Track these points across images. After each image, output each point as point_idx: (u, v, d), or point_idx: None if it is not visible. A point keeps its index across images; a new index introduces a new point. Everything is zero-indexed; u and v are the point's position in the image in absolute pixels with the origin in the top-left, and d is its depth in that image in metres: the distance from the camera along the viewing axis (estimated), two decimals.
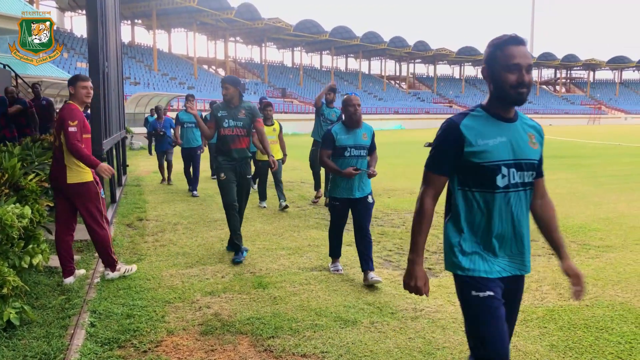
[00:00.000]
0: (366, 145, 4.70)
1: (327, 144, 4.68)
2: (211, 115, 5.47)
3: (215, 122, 5.38)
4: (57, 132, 4.35)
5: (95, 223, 4.43)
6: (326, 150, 4.68)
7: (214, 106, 5.45)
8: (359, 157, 4.65)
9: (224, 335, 3.47)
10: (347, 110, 4.65)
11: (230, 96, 5.29)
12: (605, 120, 78.84)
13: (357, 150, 4.64)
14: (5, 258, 3.39)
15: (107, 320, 3.65)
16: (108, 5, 7.60)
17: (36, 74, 23.96)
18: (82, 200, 4.38)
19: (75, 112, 4.32)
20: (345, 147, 4.62)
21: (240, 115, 5.34)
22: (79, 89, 4.41)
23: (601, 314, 3.84)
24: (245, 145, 5.40)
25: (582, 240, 6.03)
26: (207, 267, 5.01)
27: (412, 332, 3.54)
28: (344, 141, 4.62)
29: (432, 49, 74.09)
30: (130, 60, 48.17)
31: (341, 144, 4.62)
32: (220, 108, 5.38)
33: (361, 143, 4.67)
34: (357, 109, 4.64)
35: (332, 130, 4.67)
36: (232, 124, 5.30)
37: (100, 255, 4.60)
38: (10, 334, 3.28)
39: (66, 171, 4.29)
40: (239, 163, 5.38)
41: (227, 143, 5.33)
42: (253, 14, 54.68)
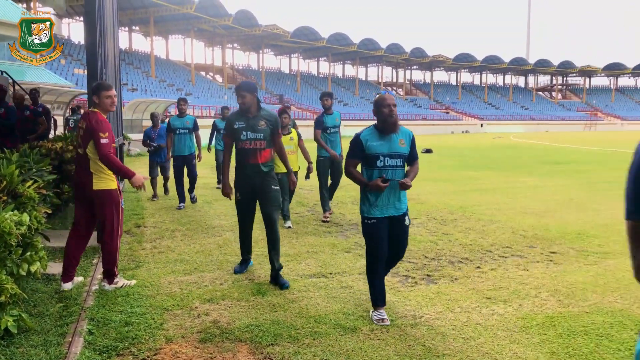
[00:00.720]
0: (404, 153, 3.92)
1: (354, 151, 3.92)
2: (226, 127, 4.88)
3: (231, 135, 4.80)
4: (83, 141, 4.36)
5: (110, 233, 4.45)
6: (353, 159, 3.95)
7: (228, 117, 4.91)
8: (395, 168, 3.87)
9: (223, 343, 3.45)
10: (380, 112, 3.88)
11: (248, 105, 4.70)
12: (601, 126, 79.15)
13: (392, 159, 3.87)
14: (3, 265, 3.37)
15: (105, 327, 3.63)
16: (106, 12, 7.61)
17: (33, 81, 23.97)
18: (105, 207, 4.41)
19: (105, 123, 4.36)
20: (378, 155, 3.86)
21: (260, 126, 4.73)
22: (103, 99, 4.43)
23: (601, 320, 3.84)
24: (266, 160, 4.78)
25: (580, 247, 6.03)
26: (205, 274, 4.99)
27: (412, 339, 3.53)
28: (376, 148, 3.86)
29: (428, 56, 74.39)
30: (128, 67, 48.22)
31: (372, 152, 3.86)
32: (235, 119, 4.77)
33: (398, 151, 3.89)
34: (392, 109, 3.86)
35: (361, 136, 3.90)
36: (251, 136, 4.70)
37: (104, 264, 4.58)
38: (7, 342, 3.25)
39: (92, 178, 4.34)
40: (259, 177, 4.77)
41: (245, 157, 4.75)
42: (250, 21, 54.83)
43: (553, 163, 17.96)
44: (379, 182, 3.79)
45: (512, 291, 4.49)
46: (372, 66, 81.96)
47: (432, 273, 5.05)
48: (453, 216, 8.03)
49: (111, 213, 4.43)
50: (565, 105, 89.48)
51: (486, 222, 7.55)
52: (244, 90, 4.70)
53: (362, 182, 3.89)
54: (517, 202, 9.25)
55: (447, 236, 6.66)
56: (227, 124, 4.84)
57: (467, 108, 78.51)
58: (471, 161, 19.49)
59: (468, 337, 3.55)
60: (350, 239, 6.48)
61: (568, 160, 19.03)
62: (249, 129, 4.71)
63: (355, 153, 3.94)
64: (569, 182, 12.17)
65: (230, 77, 63.31)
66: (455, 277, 4.91)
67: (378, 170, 3.87)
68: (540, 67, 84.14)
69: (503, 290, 4.51)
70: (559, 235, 6.61)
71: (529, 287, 4.62)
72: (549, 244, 6.21)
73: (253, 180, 4.78)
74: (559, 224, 7.30)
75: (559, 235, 6.65)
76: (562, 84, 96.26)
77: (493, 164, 17.93)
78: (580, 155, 21.85)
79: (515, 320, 3.84)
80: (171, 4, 46.88)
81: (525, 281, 4.78)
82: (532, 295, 4.39)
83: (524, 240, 6.39)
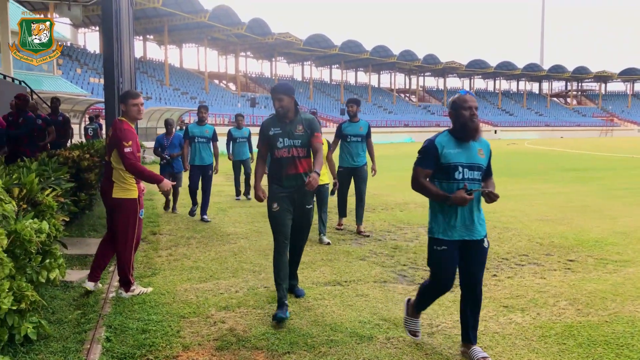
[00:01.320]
0: (482, 165, 3.35)
1: (427, 159, 3.31)
2: (261, 134, 4.34)
3: (266, 143, 4.31)
4: (109, 149, 4.45)
5: (124, 240, 4.48)
6: (425, 168, 3.32)
7: (263, 123, 4.36)
8: (473, 182, 3.30)
9: (240, 351, 3.45)
10: (459, 115, 3.29)
11: (286, 109, 4.19)
12: (617, 132, 78.24)
13: (471, 171, 3.29)
14: (23, 273, 3.41)
15: (122, 335, 3.65)
16: (122, 21, 7.72)
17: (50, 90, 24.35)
18: (121, 215, 4.45)
19: (129, 132, 4.41)
20: (456, 165, 3.27)
21: (298, 132, 4.23)
22: (130, 107, 4.49)
23: (621, 330, 3.78)
24: (305, 169, 4.28)
25: (599, 255, 5.95)
26: (221, 282, 5.00)
27: (429, 348, 3.50)
28: (454, 157, 3.27)
29: (441, 62, 74.20)
30: (142, 75, 48.73)
31: (449, 161, 3.27)
32: (271, 124, 4.27)
33: (477, 161, 3.32)
34: (474, 113, 3.28)
35: (436, 141, 3.32)
36: (289, 143, 4.21)
37: (119, 272, 4.61)
38: (27, 348, 3.29)
39: (113, 186, 4.42)
40: (297, 191, 4.27)
41: (282, 167, 4.24)
42: (263, 29, 55.19)
43: (569, 170, 17.78)
44: (463, 193, 3.17)
45: (530, 300, 4.44)
46: (384, 73, 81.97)
47: None
48: None
49: (126, 222, 4.46)
50: (580, 111, 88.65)
51: (502, 229, 7.48)
52: (281, 93, 4.19)
53: (438, 195, 3.26)
54: (533, 209, 9.16)
55: None
56: (262, 131, 4.32)
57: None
58: None
59: (486, 346, 3.52)
60: (364, 247, 6.46)
61: (584, 167, 18.83)
62: (285, 135, 4.22)
63: (427, 161, 3.31)
64: (586, 189, 12.04)
65: (243, 85, 63.70)
66: None
67: (455, 184, 3.26)
68: (554, 72, 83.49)
69: (520, 299, 4.47)
70: (576, 243, 6.53)
71: (546, 295, 4.56)
72: (567, 251, 6.14)
73: (292, 193, 4.27)
74: (576, 232, 7.22)
75: (576, 243, 6.57)
76: (577, 89, 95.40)
77: (507, 170, 17.79)
78: (596, 162, 21.61)
79: (534, 330, 3.80)
80: (185, 13, 47.38)
81: (542, 289, 4.72)
82: (550, 304, 4.34)
83: (541, 248, 6.32)
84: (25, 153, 7.35)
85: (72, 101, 21.83)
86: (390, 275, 5.23)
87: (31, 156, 6.83)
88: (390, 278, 5.12)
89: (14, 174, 4.56)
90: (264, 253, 6.14)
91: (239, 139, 10.75)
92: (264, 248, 6.39)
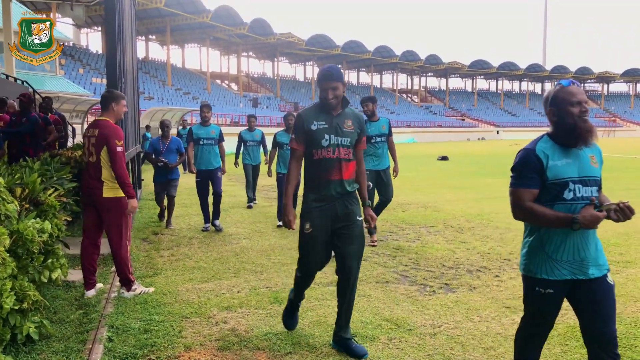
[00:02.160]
0: (598, 177, 2.53)
1: (528, 175, 2.48)
2: (297, 128, 3.42)
3: (306, 138, 3.39)
4: (96, 149, 4.38)
5: (118, 239, 4.48)
6: (529, 188, 2.47)
7: (301, 114, 3.45)
8: (585, 201, 2.44)
9: (242, 351, 3.45)
10: (566, 114, 2.45)
11: (339, 99, 3.37)
12: (620, 133, 78.10)
13: (585, 187, 2.45)
14: (25, 272, 3.42)
15: (124, 335, 3.65)
16: (125, 22, 7.73)
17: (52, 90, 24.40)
18: (113, 215, 4.44)
19: (120, 131, 4.46)
20: (566, 181, 2.44)
21: (347, 128, 3.40)
22: (121, 107, 4.56)
23: (624, 331, 3.77)
24: (350, 176, 3.42)
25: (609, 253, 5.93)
26: (222, 282, 5.00)
27: (431, 348, 3.50)
28: (563, 170, 2.44)
29: (444, 63, 74.15)
30: (145, 76, 48.79)
31: (558, 176, 2.43)
32: (313, 116, 3.39)
33: (592, 174, 2.49)
34: (585, 109, 2.44)
35: (537, 149, 2.49)
36: (335, 141, 3.34)
37: (117, 272, 4.61)
38: (29, 348, 3.29)
39: (103, 186, 4.38)
40: (340, 202, 3.37)
41: (322, 171, 3.35)
42: (265, 29, 55.19)
43: None
44: (592, 210, 2.37)
45: None
46: (386, 73, 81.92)
47: (450, 282, 5.01)
48: (470, 224, 7.97)
49: (119, 221, 4.46)
50: None
51: (504, 230, 7.47)
52: (337, 79, 3.33)
53: (558, 218, 2.39)
54: None
55: (464, 244, 6.60)
56: (299, 124, 3.40)
57: (483, 115, 78.02)
58: (488, 168, 19.33)
59: (488, 347, 3.51)
60: (366, 247, 6.45)
61: None
62: (332, 131, 3.39)
63: (529, 178, 2.46)
64: None
65: (245, 85, 63.71)
66: (474, 285, 4.86)
67: (567, 206, 2.42)
68: (557, 73, 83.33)
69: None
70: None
71: None
72: None
73: (333, 205, 3.39)
74: None
75: None
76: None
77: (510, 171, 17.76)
78: None
79: None
80: (187, 13, 47.41)
81: None
82: None
83: None
84: (29, 152, 7.31)
85: (74, 101, 21.85)
86: (392, 275, 5.23)
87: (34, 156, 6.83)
88: (392, 279, 5.12)
89: (16, 174, 4.58)
90: (266, 253, 6.14)
91: (249, 143, 9.96)
92: (265, 248, 6.39)
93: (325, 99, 3.35)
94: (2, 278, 2.95)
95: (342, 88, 3.39)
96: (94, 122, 4.57)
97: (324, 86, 3.35)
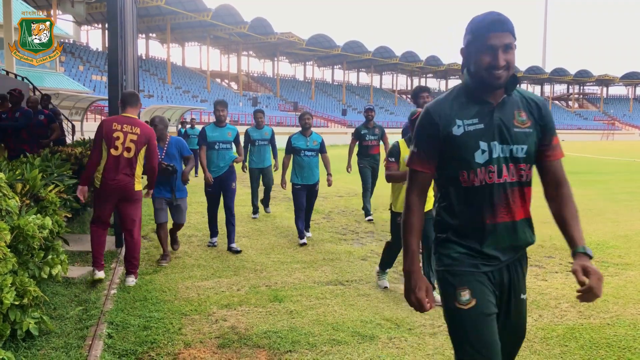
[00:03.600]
0: None
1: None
2: (419, 136, 2.01)
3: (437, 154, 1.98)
4: (137, 146, 4.68)
5: (139, 228, 4.91)
6: None
7: (429, 110, 2.00)
8: None
9: (241, 349, 3.45)
10: None
11: (510, 72, 1.91)
12: (619, 136, 78.20)
13: None
14: (25, 268, 3.41)
15: (124, 331, 3.65)
16: (127, 19, 7.72)
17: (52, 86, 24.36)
18: (138, 206, 4.87)
19: None
20: None
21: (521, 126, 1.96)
22: None
23: (623, 333, 3.77)
24: (525, 215, 2.20)
25: (600, 258, 5.95)
26: (222, 280, 5.00)
27: (431, 348, 3.50)
28: None
29: (444, 64, 74.18)
30: (145, 74, 48.75)
31: None
32: (451, 111, 1.96)
33: None
34: None
35: None
36: (502, 152, 1.96)
37: (130, 259, 4.86)
38: (29, 344, 3.28)
39: (134, 180, 4.74)
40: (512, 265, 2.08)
41: (481, 206, 1.98)
42: (266, 29, 55.18)
43: (570, 173, 17.60)
44: None
45: (532, 301, 4.44)
46: (386, 74, 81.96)
47: None
48: None
49: (140, 211, 4.95)
50: (582, 115, 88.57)
51: None
52: (511, 31, 1.90)
53: None
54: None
55: None
56: (425, 124, 1.98)
57: None
58: None
59: None
60: (366, 247, 6.46)
61: (586, 170, 18.80)
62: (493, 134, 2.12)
63: None
64: (587, 193, 12.02)
65: (245, 84, 63.69)
66: None
67: None
68: (556, 76, 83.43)
69: None
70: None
71: (548, 297, 4.56)
72: (568, 254, 6.09)
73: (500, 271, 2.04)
74: None
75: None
76: (579, 93, 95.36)
77: None
78: (598, 165, 21.59)
79: (535, 331, 3.79)
80: (188, 12, 47.39)
81: (544, 292, 4.72)
82: (551, 306, 4.33)
83: (542, 251, 6.32)
84: (24, 149, 7.22)
85: (74, 98, 21.84)
86: (392, 275, 5.23)
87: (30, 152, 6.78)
88: (392, 278, 5.12)
89: (17, 170, 4.57)
90: (265, 252, 6.14)
91: (258, 142, 8.40)
92: (265, 247, 6.39)
93: (488, 70, 1.88)
94: (3, 273, 2.94)
95: (514, 50, 1.92)
96: (128, 118, 4.72)
97: (490, 42, 1.88)
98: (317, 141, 6.77)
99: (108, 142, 4.60)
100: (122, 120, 4.68)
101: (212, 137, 6.39)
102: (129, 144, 4.62)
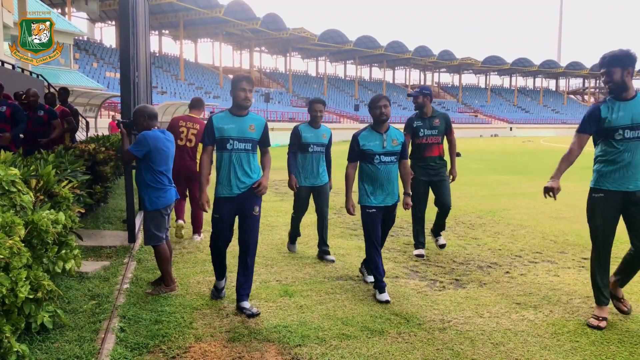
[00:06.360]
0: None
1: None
2: None
3: None
4: (197, 138, 6.20)
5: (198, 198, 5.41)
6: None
7: None
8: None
9: (251, 343, 3.48)
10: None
11: None
12: None
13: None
14: (40, 263, 3.47)
15: (136, 325, 3.70)
16: (139, 16, 7.77)
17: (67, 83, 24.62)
18: (195, 183, 6.21)
19: None
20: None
21: None
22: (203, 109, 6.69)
23: (635, 328, 3.74)
24: None
25: (613, 254, 5.82)
26: (233, 275, 5.03)
27: (440, 343, 3.50)
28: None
29: (457, 59, 73.71)
30: (158, 70, 49.06)
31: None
32: None
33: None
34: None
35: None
36: None
37: (198, 222, 6.49)
38: (43, 337, 3.34)
39: (195, 164, 6.20)
40: None
41: None
42: (278, 25, 55.22)
43: (585, 167, 17.53)
44: None
45: (543, 297, 4.42)
46: (399, 69, 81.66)
47: (461, 277, 5.00)
48: (482, 220, 7.94)
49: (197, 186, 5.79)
50: None
51: (515, 226, 7.44)
52: None
53: None
54: (548, 207, 9.08)
55: (475, 240, 6.58)
56: None
57: (496, 111, 77.49)
58: (500, 165, 19.22)
59: (497, 343, 3.51)
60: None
61: None
62: None
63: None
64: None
65: (257, 80, 63.81)
66: (484, 281, 4.85)
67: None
68: (572, 69, 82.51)
69: (533, 296, 4.44)
70: (590, 242, 6.45)
71: (560, 293, 4.53)
72: (581, 249, 6.08)
73: None
74: None
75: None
76: (595, 87, 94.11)
77: (523, 168, 17.64)
78: None
79: (546, 327, 3.78)
80: (200, 8, 47.58)
81: (556, 287, 4.69)
82: (563, 302, 4.31)
83: (555, 246, 6.27)
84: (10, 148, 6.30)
85: (88, 95, 22.06)
86: (403, 270, 5.23)
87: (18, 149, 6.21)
88: (402, 274, 5.12)
89: (31, 166, 4.64)
90: (277, 247, 6.16)
91: (312, 147, 5.66)
92: (276, 242, 6.42)
93: None
94: (18, 267, 3.00)
95: None
96: (190, 117, 6.35)
97: None
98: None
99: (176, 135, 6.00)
100: (187, 119, 6.29)
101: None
102: (191, 136, 6.18)
